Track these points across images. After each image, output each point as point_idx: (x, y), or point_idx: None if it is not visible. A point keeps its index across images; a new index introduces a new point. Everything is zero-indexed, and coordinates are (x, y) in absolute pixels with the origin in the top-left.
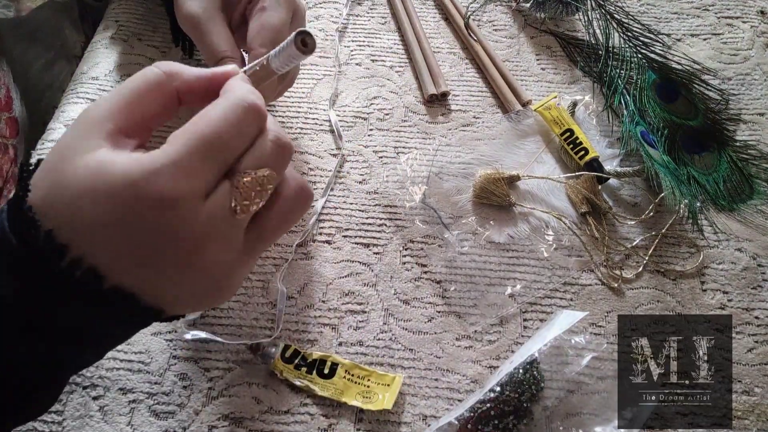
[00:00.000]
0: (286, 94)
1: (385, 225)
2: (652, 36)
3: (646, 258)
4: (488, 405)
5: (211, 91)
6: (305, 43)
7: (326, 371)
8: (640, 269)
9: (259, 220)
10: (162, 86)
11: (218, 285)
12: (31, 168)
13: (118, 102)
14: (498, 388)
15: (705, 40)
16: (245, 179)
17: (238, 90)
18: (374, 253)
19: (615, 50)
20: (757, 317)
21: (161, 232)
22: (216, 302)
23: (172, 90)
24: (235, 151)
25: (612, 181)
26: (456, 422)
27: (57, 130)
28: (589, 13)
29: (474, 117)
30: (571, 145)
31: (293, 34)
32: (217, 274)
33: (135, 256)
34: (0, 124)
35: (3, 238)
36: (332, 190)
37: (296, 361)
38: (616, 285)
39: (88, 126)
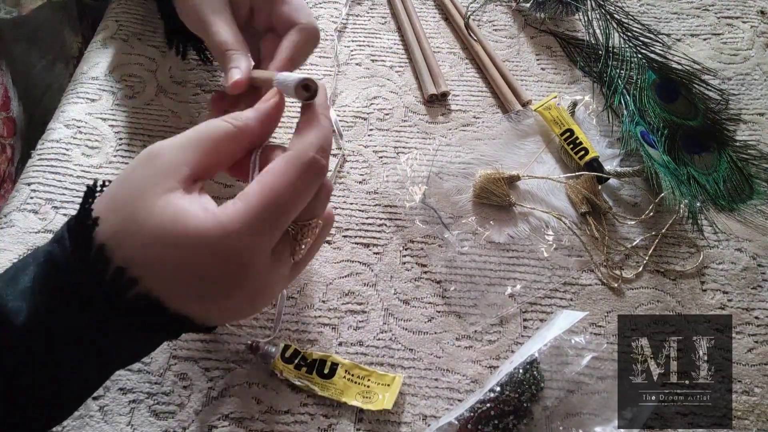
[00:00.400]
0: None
1: (385, 225)
2: (652, 36)
3: (646, 258)
4: (488, 405)
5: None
6: (307, 89)
7: (326, 371)
8: (640, 269)
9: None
10: (236, 139)
11: (262, 307)
12: (96, 190)
13: (195, 151)
14: (498, 388)
15: (705, 40)
16: (302, 231)
17: (307, 150)
18: (374, 253)
19: (615, 50)
20: (757, 317)
21: (231, 282)
22: (254, 314)
23: (245, 143)
24: (299, 209)
25: (612, 181)
26: (456, 422)
27: (57, 130)
28: (589, 13)
29: (474, 117)
30: (571, 145)
31: (298, 79)
32: (266, 302)
33: (200, 294)
34: None
35: (63, 265)
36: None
37: (296, 360)
38: (616, 285)
39: (163, 169)
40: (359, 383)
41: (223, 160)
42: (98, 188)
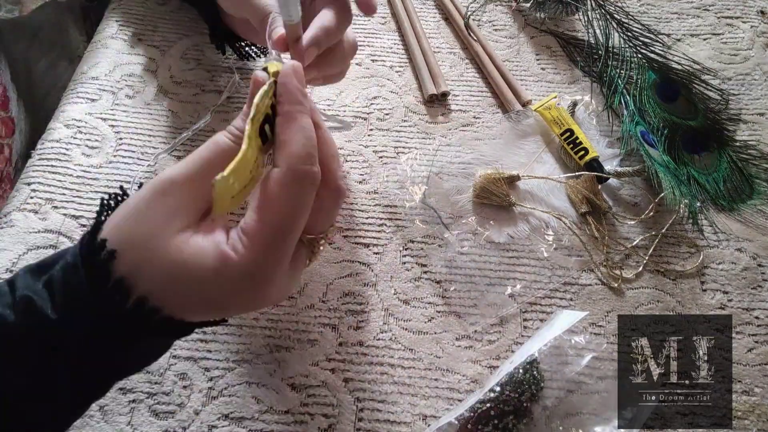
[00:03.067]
0: None
1: (385, 225)
2: (652, 36)
3: (646, 258)
4: (488, 405)
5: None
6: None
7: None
8: (640, 269)
9: None
10: (234, 153)
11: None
12: (103, 214)
13: (202, 180)
14: (498, 388)
15: (705, 40)
16: (320, 242)
17: (294, 164)
18: (374, 253)
19: (615, 50)
20: (757, 317)
21: (251, 302)
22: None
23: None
24: (304, 222)
25: (612, 181)
26: (456, 422)
27: (57, 129)
28: (589, 13)
29: (474, 117)
30: (571, 145)
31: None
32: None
33: (218, 314)
34: None
35: (80, 295)
36: None
37: None
38: (616, 285)
39: (177, 207)
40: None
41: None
42: (104, 214)
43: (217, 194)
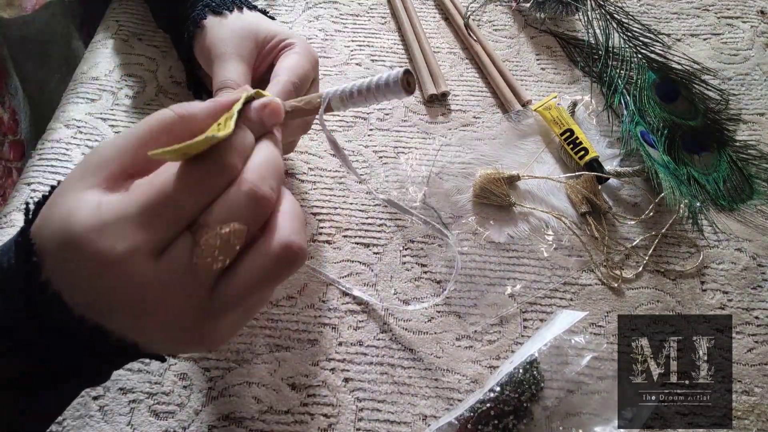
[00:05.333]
0: None
1: (385, 225)
2: (652, 36)
3: (646, 258)
4: (488, 405)
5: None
6: (408, 83)
7: None
8: (640, 269)
9: (230, 275)
10: (175, 128)
11: (191, 335)
12: (40, 199)
13: (127, 143)
14: (498, 388)
15: (705, 40)
16: (206, 236)
17: (228, 152)
18: (374, 253)
19: (615, 50)
20: (757, 317)
21: (111, 286)
22: (198, 349)
23: (185, 132)
24: (195, 208)
25: (612, 181)
26: (456, 422)
27: (57, 130)
28: (589, 13)
29: (474, 117)
30: (571, 145)
31: (398, 71)
32: (185, 325)
33: (90, 300)
34: (4, 147)
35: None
36: (332, 191)
37: None
38: (616, 285)
39: (91, 165)
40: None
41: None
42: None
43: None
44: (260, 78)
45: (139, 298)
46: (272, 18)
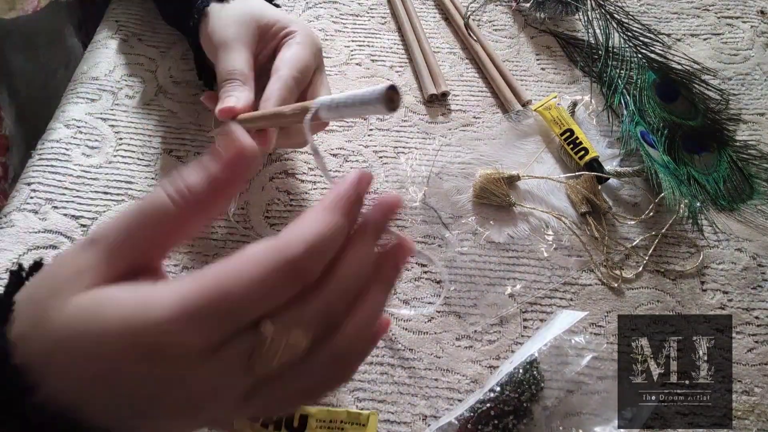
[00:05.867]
0: None
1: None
2: (652, 36)
3: (646, 258)
4: (488, 405)
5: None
6: (392, 100)
7: (296, 425)
8: (640, 269)
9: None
10: (181, 219)
11: (220, 427)
12: (23, 273)
13: (131, 239)
14: (498, 388)
15: (705, 40)
16: (268, 342)
17: (293, 243)
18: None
19: (615, 50)
20: (757, 317)
21: (154, 386)
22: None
23: (194, 217)
24: (260, 312)
25: (612, 181)
26: (456, 422)
27: (57, 130)
28: (589, 13)
29: (474, 117)
30: (571, 145)
31: (382, 87)
32: (218, 422)
33: (120, 405)
34: None
35: None
36: None
37: (262, 419)
38: (616, 285)
39: (92, 259)
40: (333, 428)
41: (169, 242)
42: (24, 271)
43: None
44: (262, 67)
45: (187, 401)
46: (277, 5)
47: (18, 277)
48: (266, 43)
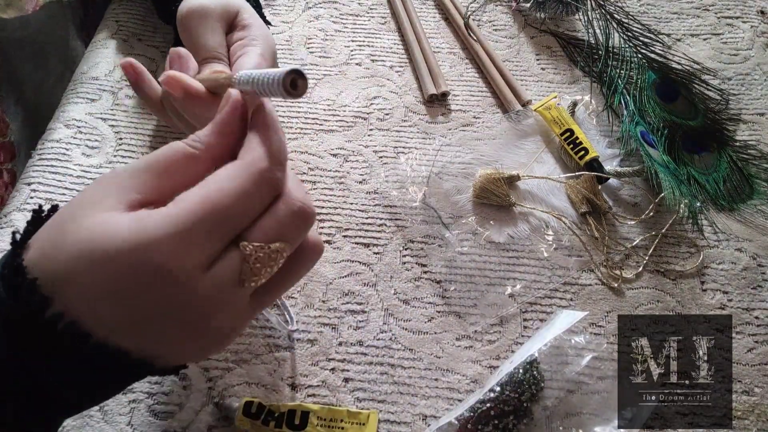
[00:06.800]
0: None
1: (385, 225)
2: (652, 36)
3: (646, 258)
4: (488, 405)
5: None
6: (295, 85)
7: (297, 422)
8: (640, 269)
9: (268, 282)
10: (195, 162)
11: (222, 341)
12: (43, 214)
13: (148, 175)
14: (498, 388)
15: (705, 40)
16: (257, 254)
17: (249, 155)
18: (374, 253)
19: (615, 50)
20: (757, 317)
21: (157, 301)
22: (218, 352)
23: (206, 164)
24: (244, 222)
25: (612, 181)
26: (456, 422)
27: (57, 130)
28: (589, 13)
29: (474, 117)
30: (571, 145)
31: (285, 70)
32: (222, 335)
33: (128, 319)
34: None
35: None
36: (332, 190)
37: (263, 416)
38: (616, 285)
39: (110, 190)
40: (333, 427)
41: (181, 182)
42: (45, 212)
43: None
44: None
45: (190, 314)
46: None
47: (38, 213)
48: (229, 27)
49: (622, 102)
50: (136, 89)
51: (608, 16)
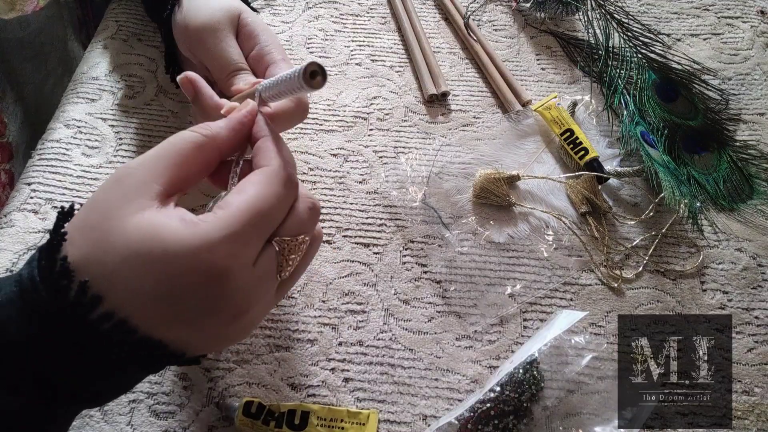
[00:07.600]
0: None
1: (385, 225)
2: (652, 36)
3: (646, 258)
4: (488, 405)
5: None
6: (314, 75)
7: (297, 422)
8: (640, 269)
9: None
10: (205, 148)
11: (249, 330)
12: (66, 212)
13: (164, 166)
14: (498, 388)
15: (705, 40)
16: (289, 246)
17: (276, 162)
18: (374, 253)
19: (615, 50)
20: (757, 317)
21: (213, 298)
22: (242, 340)
23: (216, 153)
24: (279, 220)
25: (612, 181)
26: (456, 422)
27: (57, 130)
28: (589, 13)
29: (474, 117)
30: (571, 145)
31: (301, 67)
32: (252, 324)
33: (177, 315)
34: None
35: (29, 284)
36: (332, 190)
37: (263, 416)
38: (616, 285)
39: (134, 188)
40: (333, 427)
41: (195, 171)
42: (73, 210)
43: None
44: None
45: (240, 308)
46: (254, 10)
47: (63, 214)
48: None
49: (622, 102)
50: (194, 102)
51: (608, 16)
